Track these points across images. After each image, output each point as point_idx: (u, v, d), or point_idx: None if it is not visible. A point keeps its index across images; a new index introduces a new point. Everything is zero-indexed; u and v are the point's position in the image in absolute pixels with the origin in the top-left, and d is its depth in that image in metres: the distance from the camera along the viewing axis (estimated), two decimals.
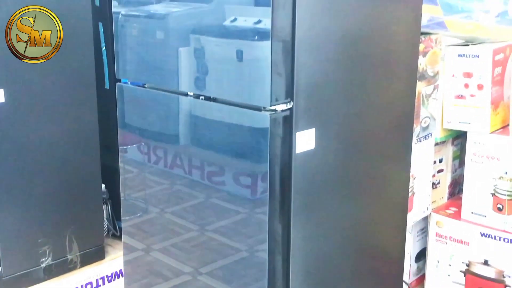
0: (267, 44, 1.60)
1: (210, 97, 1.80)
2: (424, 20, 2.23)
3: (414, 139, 2.39)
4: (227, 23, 1.71)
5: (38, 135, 2.66)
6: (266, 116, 1.64)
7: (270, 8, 1.58)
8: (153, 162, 2.06)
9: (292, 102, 1.68)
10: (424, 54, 2.35)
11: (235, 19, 1.71)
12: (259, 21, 1.64)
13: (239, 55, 1.69)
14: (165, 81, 1.91)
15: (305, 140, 1.72)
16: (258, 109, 1.67)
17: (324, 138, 1.79)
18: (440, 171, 2.73)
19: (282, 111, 1.67)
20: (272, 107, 1.65)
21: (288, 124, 1.69)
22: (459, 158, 2.82)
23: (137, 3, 2.02)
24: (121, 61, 2.04)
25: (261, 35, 1.62)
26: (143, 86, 1.99)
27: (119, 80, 2.08)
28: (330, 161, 1.85)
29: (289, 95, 1.68)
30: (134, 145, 2.11)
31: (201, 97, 1.82)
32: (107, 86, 3.08)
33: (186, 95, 1.85)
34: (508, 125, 2.48)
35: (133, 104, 2.08)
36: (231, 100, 1.74)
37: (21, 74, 2.51)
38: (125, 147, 2.13)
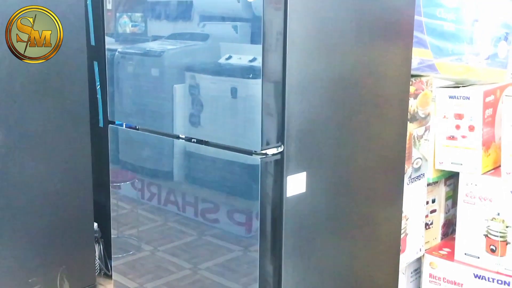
0: (259, 82, 1.62)
1: (202, 140, 1.80)
2: (414, 63, 2.26)
3: (406, 180, 2.39)
4: (221, 60, 1.73)
5: (30, 173, 2.66)
6: (257, 160, 1.65)
7: (261, 46, 1.59)
8: (146, 199, 2.06)
9: (283, 146, 1.69)
10: (415, 96, 2.38)
11: (229, 57, 1.73)
12: (253, 59, 1.66)
13: (233, 92, 1.71)
14: (158, 123, 1.93)
15: (296, 184, 1.73)
16: (249, 153, 1.68)
17: (315, 181, 1.79)
18: (433, 211, 2.73)
19: (273, 155, 1.68)
20: (263, 151, 1.66)
21: (279, 167, 1.69)
22: (452, 198, 2.82)
23: (131, 40, 2.04)
24: (113, 103, 2.06)
25: (255, 73, 1.64)
26: (135, 128, 2.00)
27: (112, 122, 2.09)
28: (322, 204, 1.85)
29: (280, 138, 1.69)
30: (126, 182, 2.11)
31: (193, 140, 1.83)
32: (101, 125, 3.09)
33: (178, 137, 1.86)
34: (499, 166, 2.49)
35: (125, 145, 2.09)
36: (222, 144, 1.75)
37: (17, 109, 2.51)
38: (117, 184, 2.13)
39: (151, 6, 1.92)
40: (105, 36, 2.11)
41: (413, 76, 2.28)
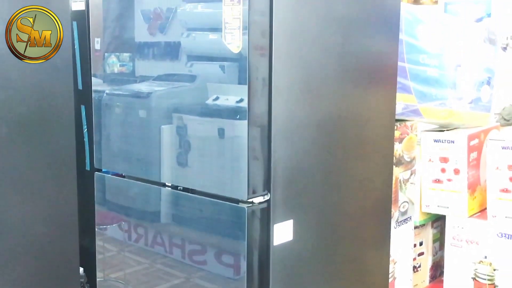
0: (245, 124, 1.62)
1: (188, 188, 1.80)
2: (399, 108, 2.29)
3: (393, 224, 2.40)
4: (209, 101, 1.74)
5: (15, 216, 2.62)
6: (244, 209, 1.65)
7: (246, 88, 1.61)
8: (133, 241, 2.04)
9: (269, 194, 1.69)
10: (401, 140, 2.40)
11: (217, 98, 1.74)
12: (240, 100, 1.67)
13: (220, 134, 1.71)
14: (144, 171, 1.92)
15: (283, 232, 1.72)
16: (236, 201, 1.68)
17: (302, 228, 1.79)
18: (420, 254, 2.73)
19: (260, 203, 1.68)
20: (250, 200, 1.66)
21: (265, 216, 1.69)
22: (439, 240, 2.82)
23: (119, 81, 2.05)
24: (100, 150, 2.05)
25: (241, 114, 1.65)
26: (122, 176, 1.99)
27: (99, 170, 2.08)
28: (309, 250, 1.84)
29: (267, 186, 1.69)
30: (113, 225, 2.09)
31: (179, 187, 1.83)
32: (87, 168, 3.07)
33: (165, 185, 1.86)
34: (485, 208, 2.51)
35: (112, 192, 2.08)
36: (209, 192, 1.75)
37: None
38: (103, 226, 2.11)
39: (139, 46, 1.93)
40: (92, 77, 2.12)
41: (397, 120, 2.31)
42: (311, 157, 1.83)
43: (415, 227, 2.62)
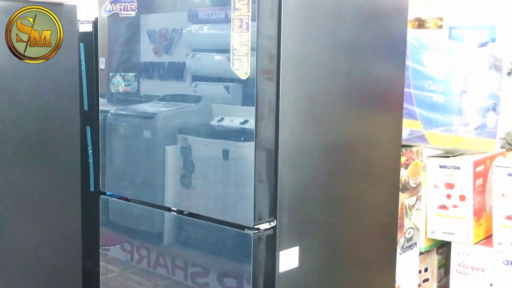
0: (251, 146, 1.62)
1: (194, 213, 1.80)
2: (405, 134, 2.29)
3: (399, 250, 2.38)
4: (214, 122, 1.74)
5: (18, 237, 2.62)
6: (250, 236, 1.64)
7: (253, 109, 1.61)
8: (136, 262, 2.02)
9: (275, 220, 1.68)
10: (406, 166, 2.40)
11: (221, 119, 1.74)
12: (245, 121, 1.67)
13: (225, 156, 1.71)
14: (149, 195, 1.92)
15: (289, 259, 1.71)
16: (242, 227, 1.67)
17: (308, 255, 1.78)
18: (425, 280, 2.71)
19: (266, 230, 1.67)
20: (256, 226, 1.65)
21: (271, 243, 1.68)
22: (445, 266, 2.80)
23: (124, 102, 2.04)
24: (105, 174, 2.05)
25: (246, 135, 1.65)
26: (127, 200, 1.99)
27: (103, 193, 2.08)
28: (315, 277, 1.83)
29: (273, 213, 1.69)
30: (116, 247, 2.08)
31: (184, 212, 1.82)
32: (92, 189, 3.07)
33: (170, 210, 1.86)
34: (491, 235, 2.49)
35: (117, 215, 2.07)
36: (214, 217, 1.74)
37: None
38: (107, 247, 2.10)
39: (145, 66, 1.94)
40: (100, 98, 2.11)
41: (403, 146, 2.30)
42: (317, 183, 1.82)
43: (420, 253, 2.60)
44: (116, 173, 2.05)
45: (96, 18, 2.96)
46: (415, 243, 2.53)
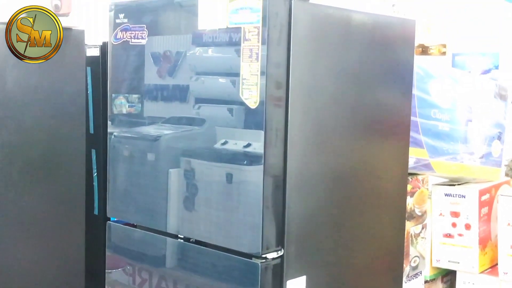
0: (259, 171, 1.62)
1: (200, 241, 1.79)
2: (411, 162, 2.29)
3: (404, 278, 2.37)
4: (217, 146, 1.74)
5: (22, 258, 2.61)
6: (257, 265, 1.64)
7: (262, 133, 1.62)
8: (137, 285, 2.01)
9: (283, 250, 1.68)
10: (412, 194, 2.40)
11: (225, 142, 1.75)
12: (248, 145, 1.68)
13: (228, 179, 1.71)
14: (156, 222, 1.91)
15: None
16: (249, 256, 1.67)
17: (315, 284, 1.77)
18: None
19: (273, 259, 1.67)
20: (263, 255, 1.65)
21: (278, 272, 1.68)
22: None
23: (129, 124, 2.05)
24: (113, 199, 2.05)
25: (249, 159, 1.65)
26: (133, 226, 1.98)
27: (109, 219, 2.08)
28: None
29: (280, 242, 1.68)
30: (121, 273, 2.06)
31: (191, 240, 1.82)
32: (96, 212, 3.07)
33: (177, 237, 1.85)
34: (496, 264, 2.49)
35: (123, 242, 2.07)
36: (221, 245, 1.74)
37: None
38: (112, 273, 2.09)
39: (148, 88, 1.95)
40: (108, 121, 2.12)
41: (409, 174, 2.31)
42: (324, 211, 1.82)
43: (425, 282, 2.59)
44: (122, 198, 2.05)
45: (104, 43, 3.01)
46: (420, 272, 2.52)
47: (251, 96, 1.64)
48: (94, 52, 3.00)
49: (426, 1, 4.58)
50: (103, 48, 2.99)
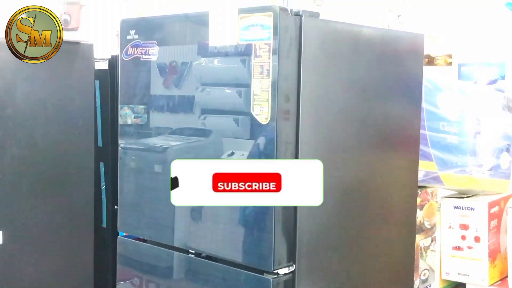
0: None
1: (211, 256, 1.80)
2: (420, 175, 2.29)
3: None
4: (224, 157, 1.75)
5: (31, 271, 2.62)
6: (269, 281, 1.64)
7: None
8: None
9: (294, 265, 1.68)
10: (421, 207, 2.40)
11: (232, 153, 1.75)
12: (254, 156, 1.68)
13: None
14: (167, 236, 1.91)
15: None
16: (260, 272, 1.67)
17: None
18: None
19: (285, 274, 1.67)
20: (275, 271, 1.65)
21: (290, 287, 1.68)
22: None
23: (134, 135, 2.05)
24: (123, 214, 2.05)
25: None
26: (144, 241, 1.99)
27: (118, 233, 2.08)
28: None
29: (292, 257, 1.69)
30: (129, 281, 2.06)
31: (202, 255, 1.82)
32: (104, 225, 3.08)
33: (187, 252, 1.85)
34: (506, 277, 2.48)
35: (133, 256, 2.07)
36: (232, 260, 1.74)
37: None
38: (121, 282, 2.09)
39: (154, 99, 1.96)
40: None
41: (418, 187, 2.31)
42: (335, 226, 1.83)
43: None
44: (131, 212, 2.05)
45: (112, 56, 3.03)
46: (430, 285, 2.51)
47: (262, 112, 1.64)
48: (103, 65, 3.02)
49: (431, 12, 4.59)
50: (112, 61, 3.01)
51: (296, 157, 1.69)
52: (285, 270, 1.67)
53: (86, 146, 2.77)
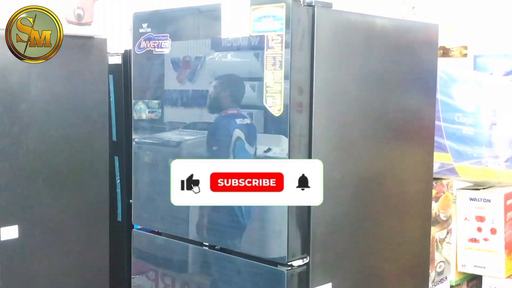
0: None
1: (225, 248, 1.80)
2: (435, 167, 2.27)
3: (430, 284, 2.36)
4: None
5: (47, 266, 2.64)
6: (283, 273, 1.64)
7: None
8: None
9: (308, 257, 1.68)
10: (437, 199, 2.38)
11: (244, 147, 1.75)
12: (268, 150, 1.68)
13: None
14: (181, 229, 1.92)
15: None
16: (274, 264, 1.67)
17: None
18: None
19: (299, 266, 1.66)
20: (289, 263, 1.65)
21: (304, 279, 1.68)
22: None
23: (148, 129, 2.05)
24: (137, 207, 2.06)
25: None
26: (158, 233, 1.99)
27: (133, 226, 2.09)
28: None
29: (306, 249, 1.68)
30: (146, 280, 2.07)
31: (216, 247, 1.82)
32: (119, 219, 3.09)
33: (201, 245, 1.86)
34: None
35: (148, 249, 2.08)
36: (246, 253, 1.74)
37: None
38: (137, 279, 2.10)
39: (169, 94, 1.96)
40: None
41: (434, 179, 2.29)
42: (349, 218, 1.82)
43: (451, 287, 2.57)
44: (146, 206, 2.06)
45: (125, 51, 3.04)
46: (446, 277, 2.49)
47: (274, 104, 1.64)
48: (116, 60, 3.03)
49: (446, 3, 4.55)
50: (125, 56, 3.02)
51: (310, 150, 1.68)
52: (299, 262, 1.66)
53: (100, 140, 2.79)
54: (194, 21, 1.90)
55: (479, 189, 2.53)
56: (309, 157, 1.68)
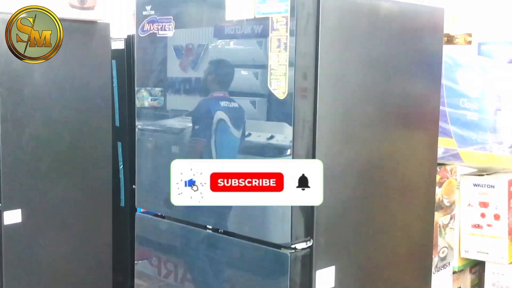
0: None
1: (229, 231, 1.80)
2: (439, 152, 2.27)
3: (433, 269, 2.35)
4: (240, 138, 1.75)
5: (50, 250, 2.65)
6: (287, 255, 1.64)
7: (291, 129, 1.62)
8: (169, 279, 2.02)
9: (312, 240, 1.68)
10: (440, 185, 2.37)
11: (249, 134, 1.75)
12: (271, 137, 1.68)
13: None
14: (184, 213, 1.92)
15: (325, 279, 1.70)
16: (278, 247, 1.67)
17: (344, 275, 1.77)
18: None
19: (302, 249, 1.66)
20: (293, 245, 1.65)
21: (307, 262, 1.68)
22: (478, 285, 2.76)
23: (151, 116, 2.05)
24: (141, 190, 2.06)
25: (278, 151, 1.65)
26: (162, 217, 1.99)
27: (136, 210, 2.09)
28: None
29: (309, 232, 1.68)
30: (149, 264, 2.07)
31: (220, 231, 1.82)
32: (122, 204, 3.10)
33: (205, 228, 1.86)
34: None
35: (151, 233, 2.08)
36: (250, 236, 1.74)
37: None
38: (140, 264, 2.10)
39: (171, 82, 1.96)
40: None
41: (438, 164, 2.28)
42: (353, 202, 1.81)
43: (453, 272, 2.57)
44: (149, 189, 2.06)
45: (128, 36, 3.02)
46: (449, 263, 2.49)
47: (279, 87, 1.63)
48: (119, 45, 3.02)
49: None
50: (128, 41, 3.01)
51: (314, 136, 1.67)
52: (302, 245, 1.66)
53: (103, 126, 2.79)
54: (198, 5, 1.88)
55: (483, 175, 2.52)
56: (313, 142, 1.67)
